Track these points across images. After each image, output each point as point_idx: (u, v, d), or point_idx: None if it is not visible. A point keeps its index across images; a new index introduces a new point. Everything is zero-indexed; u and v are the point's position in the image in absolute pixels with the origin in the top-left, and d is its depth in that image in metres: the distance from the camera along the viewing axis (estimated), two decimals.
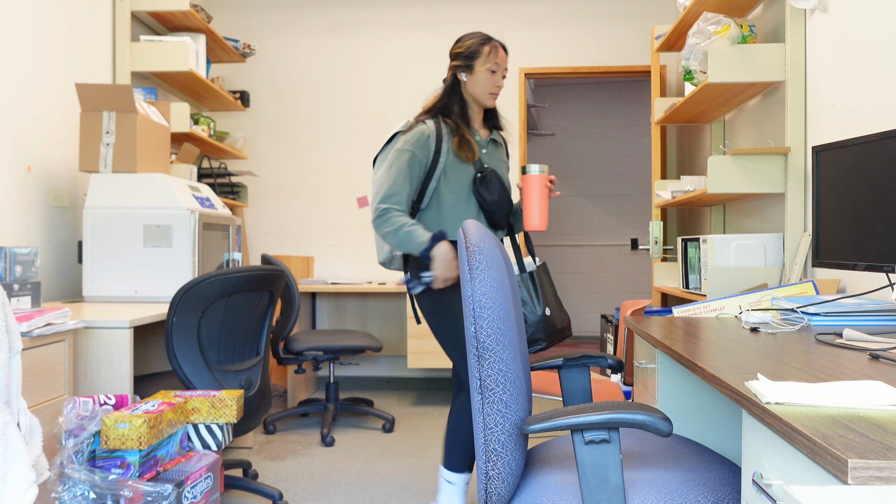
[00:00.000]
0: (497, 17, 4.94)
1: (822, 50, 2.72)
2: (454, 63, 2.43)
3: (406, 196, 2.30)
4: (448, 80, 2.44)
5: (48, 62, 3.15)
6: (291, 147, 5.04)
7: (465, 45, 2.41)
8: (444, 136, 2.35)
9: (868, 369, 1.29)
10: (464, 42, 2.42)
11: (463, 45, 2.42)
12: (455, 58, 2.43)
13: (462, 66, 2.40)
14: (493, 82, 2.39)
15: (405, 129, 2.39)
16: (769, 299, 2.22)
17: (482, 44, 2.39)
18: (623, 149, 7.32)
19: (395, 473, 3.17)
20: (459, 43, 2.44)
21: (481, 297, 1.29)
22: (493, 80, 2.39)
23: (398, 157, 2.32)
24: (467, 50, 2.39)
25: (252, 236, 5.04)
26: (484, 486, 1.30)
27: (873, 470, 0.78)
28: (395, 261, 2.49)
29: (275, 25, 5.04)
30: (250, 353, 2.59)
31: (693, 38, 3.16)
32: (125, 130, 2.95)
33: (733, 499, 1.28)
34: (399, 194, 2.29)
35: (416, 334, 4.32)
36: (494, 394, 1.29)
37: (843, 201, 1.97)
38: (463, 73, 2.41)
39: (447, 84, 2.44)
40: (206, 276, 2.32)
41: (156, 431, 1.92)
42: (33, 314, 1.95)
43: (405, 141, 2.34)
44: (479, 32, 2.44)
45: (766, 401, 1.04)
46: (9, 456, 1.44)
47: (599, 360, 1.88)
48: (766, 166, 2.91)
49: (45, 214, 3.11)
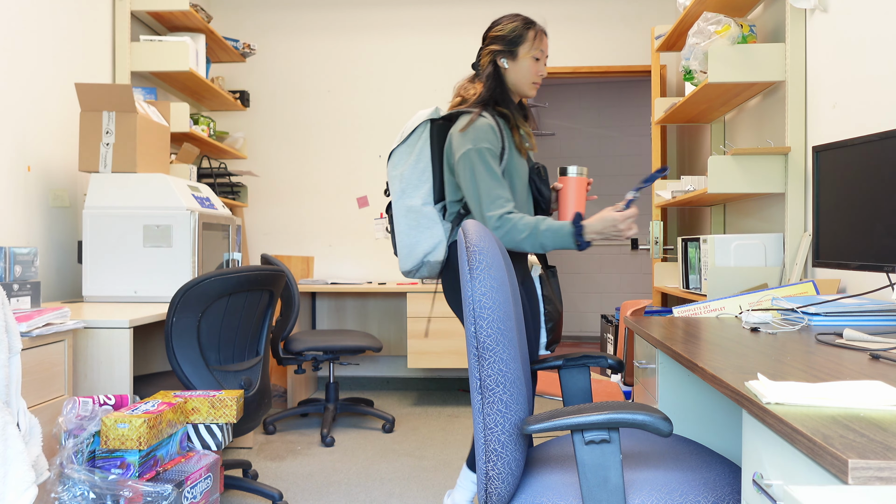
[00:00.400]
0: (497, 17, 4.93)
1: (822, 50, 2.72)
2: (493, 48, 2.18)
3: (507, 193, 2.04)
4: (486, 67, 2.19)
5: (48, 62, 3.15)
6: (291, 147, 5.04)
7: (508, 29, 2.17)
8: (503, 128, 2.14)
9: (868, 369, 1.29)
10: (505, 25, 2.18)
11: (504, 28, 2.18)
12: (494, 41, 2.18)
13: (503, 51, 2.17)
14: (536, 71, 2.18)
15: (464, 126, 2.09)
16: (769, 299, 2.22)
17: (527, 27, 2.17)
18: (623, 149, 7.32)
19: (395, 473, 3.17)
20: (499, 26, 2.20)
21: (481, 297, 1.29)
22: (536, 68, 2.18)
23: (478, 158, 2.04)
24: (510, 34, 2.16)
25: (252, 236, 5.04)
26: (484, 486, 1.30)
27: (873, 470, 0.78)
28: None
29: (275, 25, 5.04)
30: (250, 353, 2.59)
31: (693, 38, 3.16)
32: (125, 130, 2.95)
33: (733, 499, 1.28)
34: (502, 195, 2.03)
35: (416, 334, 4.32)
36: (494, 394, 1.29)
37: (843, 201, 1.96)
38: (504, 60, 2.17)
39: (486, 71, 2.18)
40: (206, 275, 2.32)
41: (155, 431, 1.92)
42: (33, 314, 1.95)
43: (474, 139, 2.06)
44: (519, 14, 2.20)
45: (767, 401, 1.04)
46: (9, 456, 1.44)
47: (599, 360, 1.88)
48: (767, 166, 2.91)
49: (45, 214, 3.10)
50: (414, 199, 2.16)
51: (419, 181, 2.16)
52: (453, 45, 4.95)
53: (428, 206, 2.15)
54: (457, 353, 4.31)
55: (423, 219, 2.15)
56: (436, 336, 4.32)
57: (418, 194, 2.15)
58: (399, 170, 2.19)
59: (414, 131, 2.19)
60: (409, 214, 2.16)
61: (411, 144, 2.19)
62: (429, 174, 2.17)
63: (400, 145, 2.20)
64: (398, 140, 2.21)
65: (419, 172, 2.16)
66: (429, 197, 2.16)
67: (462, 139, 2.07)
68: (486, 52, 2.19)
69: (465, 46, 4.95)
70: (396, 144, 2.21)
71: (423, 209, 2.15)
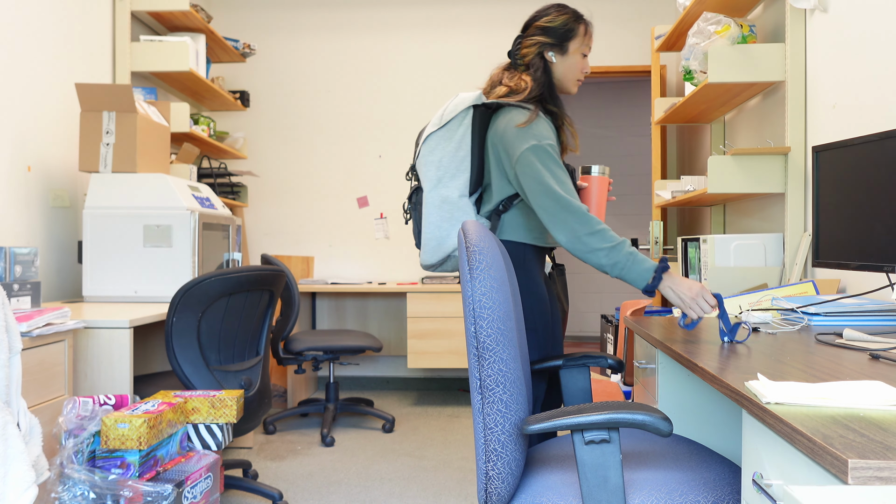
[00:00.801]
0: (497, 17, 4.94)
1: (822, 50, 2.72)
2: (541, 39, 2.02)
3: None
4: (532, 59, 2.04)
5: (48, 62, 3.15)
6: (291, 147, 5.04)
7: (560, 22, 2.02)
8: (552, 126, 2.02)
9: (868, 369, 1.29)
10: (556, 17, 2.03)
11: (555, 20, 2.03)
12: (542, 33, 2.03)
13: (553, 45, 2.02)
14: (582, 67, 2.07)
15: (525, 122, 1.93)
16: (769, 299, 2.22)
17: (577, 21, 2.04)
18: (623, 149, 7.32)
19: (395, 473, 3.17)
20: (548, 17, 2.04)
21: (481, 297, 1.29)
22: (583, 64, 2.07)
23: (546, 155, 1.88)
24: (562, 27, 2.02)
25: (252, 236, 5.04)
26: (484, 486, 1.30)
27: (873, 470, 0.78)
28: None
29: (275, 25, 5.04)
30: (250, 353, 2.59)
31: (693, 38, 3.16)
32: (125, 130, 2.95)
33: (733, 499, 1.28)
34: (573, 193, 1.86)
35: (416, 334, 4.32)
36: (494, 394, 1.29)
37: (843, 201, 1.97)
38: (552, 54, 2.03)
39: (534, 64, 2.04)
40: (206, 275, 2.32)
41: (156, 431, 1.92)
42: (33, 314, 1.95)
43: (538, 135, 1.91)
44: (566, 6, 2.05)
45: (766, 401, 1.04)
46: (9, 456, 1.44)
47: (599, 360, 1.88)
48: (766, 166, 2.91)
49: (45, 214, 3.10)
50: (450, 190, 2.02)
51: (457, 170, 2.02)
52: (453, 44, 4.95)
53: (464, 199, 2.02)
54: (457, 353, 4.31)
55: (458, 211, 2.01)
56: (436, 336, 4.32)
57: (455, 185, 2.02)
58: (437, 156, 2.03)
59: (455, 116, 2.03)
60: (443, 206, 2.02)
61: (451, 129, 2.03)
62: (467, 164, 2.02)
63: (439, 129, 2.04)
64: (436, 123, 2.05)
65: (458, 161, 2.02)
66: (465, 188, 2.02)
67: (524, 134, 1.91)
68: (533, 42, 2.03)
69: (466, 46, 4.96)
70: (435, 128, 2.04)
71: (458, 201, 2.02)
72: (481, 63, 4.93)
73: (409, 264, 5.00)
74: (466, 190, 2.02)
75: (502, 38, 4.93)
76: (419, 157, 2.07)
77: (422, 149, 2.06)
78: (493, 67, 2.26)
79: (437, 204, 2.02)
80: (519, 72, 2.07)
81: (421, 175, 2.07)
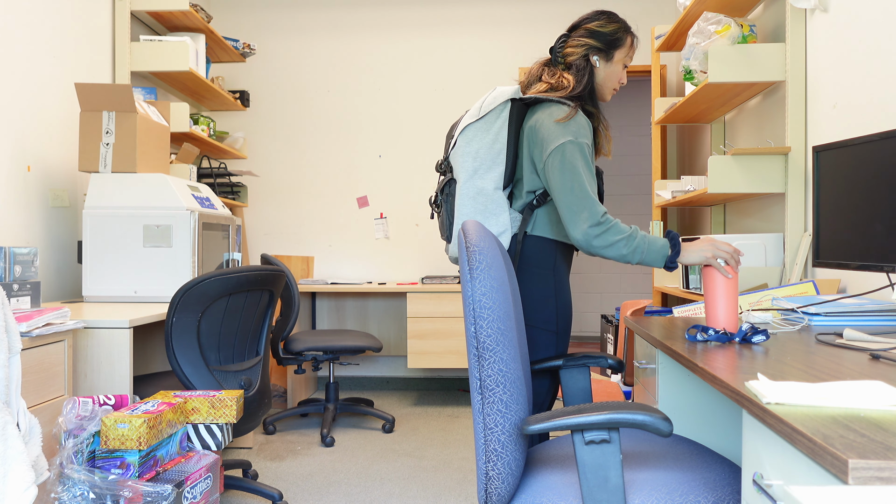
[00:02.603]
0: (498, 16, 4.94)
1: (822, 50, 2.72)
2: (590, 42, 2.05)
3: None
4: (577, 59, 2.06)
5: (48, 62, 3.15)
6: (291, 147, 5.04)
7: (610, 29, 2.06)
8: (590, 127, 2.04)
9: (868, 369, 1.29)
10: (606, 24, 2.07)
11: (606, 27, 2.06)
12: (592, 36, 2.05)
13: (601, 49, 2.05)
14: (620, 78, 2.11)
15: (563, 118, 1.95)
16: (769, 299, 2.22)
17: (626, 32, 2.07)
18: (623, 149, 7.32)
19: (395, 473, 3.17)
20: (599, 21, 2.07)
21: (481, 297, 1.29)
22: (622, 75, 2.11)
23: (579, 152, 1.90)
24: (612, 35, 2.05)
25: (252, 236, 5.04)
26: (484, 486, 1.30)
27: (874, 470, 0.78)
28: None
29: (275, 25, 5.04)
30: (250, 353, 2.59)
31: (693, 38, 3.16)
32: (125, 130, 2.95)
33: (733, 499, 1.28)
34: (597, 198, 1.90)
35: (416, 334, 4.32)
36: (494, 394, 1.29)
37: (843, 201, 1.96)
38: (598, 58, 2.06)
39: (578, 64, 2.05)
40: (205, 275, 2.32)
41: (155, 432, 1.92)
42: (33, 314, 1.95)
43: (575, 132, 1.93)
44: (616, 15, 2.10)
45: (767, 401, 1.04)
46: (8, 456, 1.44)
47: (599, 360, 1.88)
48: (767, 166, 2.91)
49: (45, 214, 3.10)
50: (486, 182, 2.02)
51: (493, 163, 2.03)
52: (454, 44, 4.95)
53: (498, 192, 2.02)
54: (457, 353, 4.31)
55: (492, 204, 2.01)
56: (436, 336, 4.32)
57: (490, 177, 2.02)
58: (473, 147, 2.04)
59: (494, 109, 2.05)
60: (477, 197, 2.02)
61: (489, 122, 2.05)
62: (503, 157, 2.03)
63: (477, 121, 2.06)
64: (474, 115, 2.07)
65: (495, 154, 2.03)
66: (500, 181, 2.03)
67: (561, 130, 1.92)
68: (580, 43, 2.05)
69: (466, 46, 4.95)
70: (473, 119, 2.07)
71: (493, 194, 2.02)
72: (481, 63, 4.93)
73: (409, 264, 5.00)
74: (501, 183, 2.03)
75: (502, 37, 4.93)
76: (455, 147, 2.08)
77: (458, 139, 2.07)
78: (492, 67, 2.28)
79: (471, 195, 2.03)
80: (559, 69, 2.08)
81: (455, 166, 2.08)
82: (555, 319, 2.02)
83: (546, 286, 2.02)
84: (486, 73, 4.92)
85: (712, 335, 1.65)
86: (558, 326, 2.03)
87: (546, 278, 2.02)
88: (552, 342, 2.02)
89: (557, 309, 2.02)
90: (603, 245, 1.83)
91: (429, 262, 4.99)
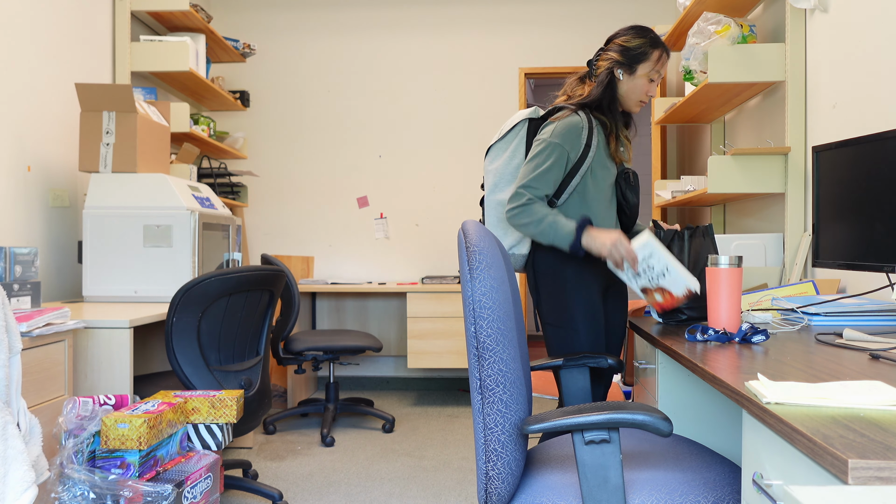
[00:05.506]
0: (498, 16, 4.94)
1: (822, 50, 2.72)
2: (614, 56, 2.16)
3: (548, 190, 2.08)
4: (601, 74, 2.18)
5: (48, 62, 3.15)
6: (291, 147, 5.04)
7: (634, 44, 2.15)
8: (595, 130, 2.14)
9: (868, 369, 1.29)
10: (632, 38, 2.16)
11: (631, 41, 2.16)
12: (617, 51, 2.17)
13: (623, 63, 2.15)
14: (647, 90, 2.19)
15: (556, 118, 2.13)
16: (769, 299, 2.22)
17: (653, 47, 2.15)
18: None
19: (395, 473, 3.17)
20: (626, 36, 2.17)
21: (481, 297, 1.29)
22: (649, 88, 2.18)
23: (548, 149, 2.08)
24: (635, 49, 2.14)
25: (252, 236, 5.04)
26: (484, 486, 1.30)
27: (873, 470, 0.78)
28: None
29: (275, 25, 5.04)
30: (250, 353, 2.59)
31: (693, 38, 3.16)
32: (125, 130, 2.95)
33: (733, 499, 1.28)
34: (541, 188, 2.06)
35: (416, 334, 4.32)
36: (494, 394, 1.29)
37: (843, 201, 1.96)
38: (621, 72, 2.16)
39: (601, 77, 2.18)
40: (206, 275, 2.32)
41: (156, 431, 1.92)
42: (33, 314, 1.95)
43: (556, 133, 2.09)
44: (649, 31, 2.18)
45: (767, 401, 1.04)
46: (9, 456, 1.44)
47: (599, 360, 1.88)
48: (766, 166, 2.91)
49: (45, 214, 3.10)
50: (504, 194, 2.19)
51: (511, 177, 2.20)
52: (454, 44, 4.95)
53: None
54: (457, 353, 4.31)
55: None
56: (436, 336, 4.32)
57: (509, 189, 2.17)
58: (494, 164, 2.24)
59: (512, 129, 2.23)
60: (498, 208, 2.21)
61: (508, 141, 2.24)
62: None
63: (498, 141, 2.26)
64: (497, 136, 2.28)
65: (512, 169, 2.21)
66: None
67: (550, 129, 2.12)
68: (606, 57, 2.19)
69: (466, 46, 4.96)
70: (495, 140, 2.27)
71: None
72: (481, 63, 4.93)
73: (409, 264, 5.00)
74: None
75: (502, 37, 4.94)
76: (484, 166, 2.31)
77: (485, 159, 2.31)
78: (492, 67, 2.41)
79: (493, 206, 2.23)
80: (590, 81, 2.24)
81: (485, 182, 2.31)
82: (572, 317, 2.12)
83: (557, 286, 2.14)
84: (486, 73, 4.92)
85: (712, 335, 1.66)
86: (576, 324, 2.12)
87: (559, 278, 2.14)
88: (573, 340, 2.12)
89: (575, 307, 2.12)
90: (517, 224, 2.06)
91: (429, 262, 4.99)
